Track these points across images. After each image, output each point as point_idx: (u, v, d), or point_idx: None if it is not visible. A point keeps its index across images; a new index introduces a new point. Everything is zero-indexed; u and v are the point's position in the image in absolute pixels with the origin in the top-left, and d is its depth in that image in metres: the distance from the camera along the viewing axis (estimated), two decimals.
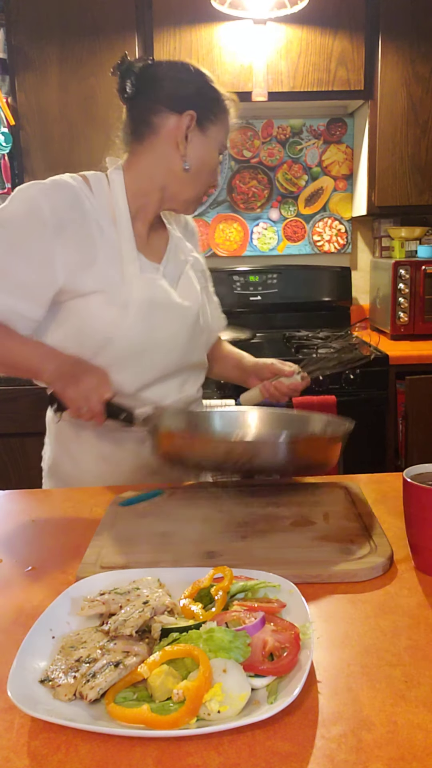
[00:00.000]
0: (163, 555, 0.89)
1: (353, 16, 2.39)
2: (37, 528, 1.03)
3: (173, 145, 1.15)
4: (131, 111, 1.17)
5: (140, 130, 1.16)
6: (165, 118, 1.14)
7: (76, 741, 0.57)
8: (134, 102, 1.16)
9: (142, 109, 1.15)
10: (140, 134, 1.16)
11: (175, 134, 1.14)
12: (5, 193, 2.46)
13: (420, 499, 0.81)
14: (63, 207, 1.14)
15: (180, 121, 1.13)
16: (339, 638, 0.71)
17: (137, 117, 1.16)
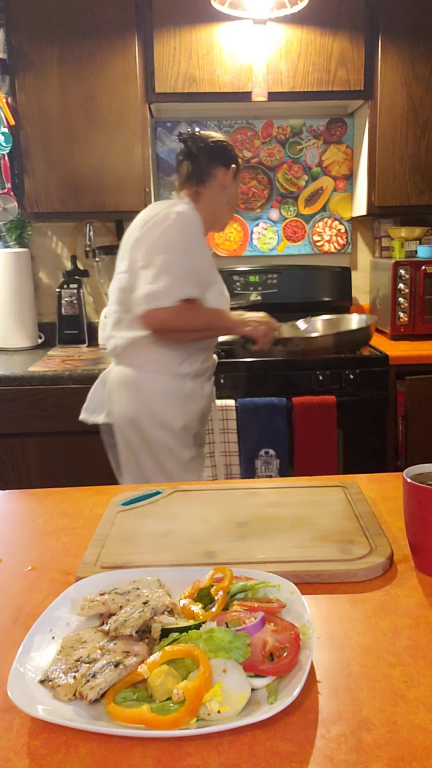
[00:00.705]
0: (163, 555, 0.89)
1: (353, 16, 2.39)
2: (37, 528, 1.04)
3: (222, 187, 1.76)
4: (194, 164, 1.74)
5: (202, 177, 1.75)
6: (218, 169, 1.75)
7: (76, 741, 0.57)
8: (197, 158, 1.74)
9: (204, 163, 1.74)
10: (202, 180, 1.75)
11: (223, 180, 1.76)
12: (5, 193, 2.46)
13: (420, 499, 0.81)
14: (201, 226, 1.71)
15: (227, 172, 1.76)
16: (339, 638, 0.71)
17: (199, 168, 1.74)
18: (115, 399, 1.72)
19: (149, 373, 1.70)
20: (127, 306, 1.68)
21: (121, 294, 1.70)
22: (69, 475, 2.29)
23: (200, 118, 2.79)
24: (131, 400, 1.70)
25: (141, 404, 1.69)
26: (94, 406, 1.80)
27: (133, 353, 1.71)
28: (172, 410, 1.70)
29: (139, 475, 1.73)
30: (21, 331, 2.69)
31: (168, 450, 1.72)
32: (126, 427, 1.71)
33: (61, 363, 2.40)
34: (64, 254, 2.88)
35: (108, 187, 2.47)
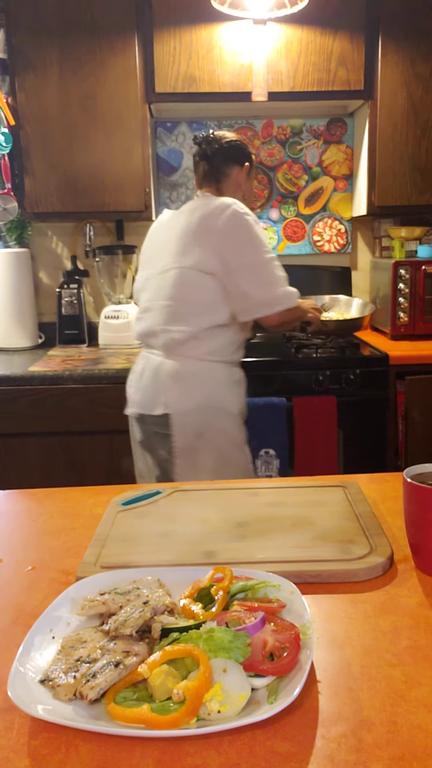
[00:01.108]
0: (163, 555, 0.89)
1: (353, 16, 2.39)
2: (37, 528, 1.04)
3: (237, 185, 1.88)
4: (211, 164, 1.86)
5: (219, 177, 1.87)
6: (233, 168, 1.87)
7: (76, 741, 0.57)
8: (212, 159, 1.86)
9: (219, 164, 1.86)
10: (218, 179, 1.87)
11: (238, 178, 1.88)
12: (5, 193, 2.46)
13: (420, 499, 0.81)
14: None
15: (241, 170, 1.88)
16: (339, 638, 0.71)
17: (216, 168, 1.86)
18: (174, 390, 1.77)
19: (208, 363, 1.78)
20: (185, 300, 1.74)
21: (178, 289, 1.75)
22: (69, 475, 2.29)
23: (200, 118, 2.79)
24: (193, 390, 1.77)
25: (202, 393, 1.77)
26: (146, 399, 1.82)
27: (191, 345, 1.77)
28: (231, 396, 1.81)
29: (196, 462, 1.78)
30: (21, 331, 2.69)
31: (226, 434, 1.81)
32: (187, 416, 1.77)
33: (61, 363, 2.40)
34: (64, 254, 2.88)
35: (108, 187, 2.47)
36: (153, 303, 1.82)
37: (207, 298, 1.74)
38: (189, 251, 1.74)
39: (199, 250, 1.73)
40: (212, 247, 1.72)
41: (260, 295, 1.74)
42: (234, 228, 1.72)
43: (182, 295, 1.75)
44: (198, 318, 1.75)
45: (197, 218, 1.75)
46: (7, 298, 2.63)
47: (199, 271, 1.73)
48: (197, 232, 1.74)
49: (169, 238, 1.80)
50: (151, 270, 1.86)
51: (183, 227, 1.77)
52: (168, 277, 1.77)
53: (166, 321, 1.78)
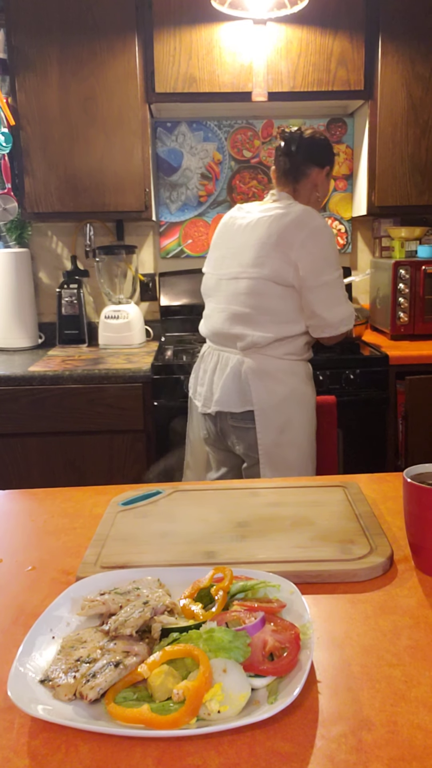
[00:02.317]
0: (163, 555, 0.89)
1: (353, 16, 2.39)
2: (36, 528, 1.04)
3: (314, 185, 1.87)
4: (293, 161, 1.84)
5: (297, 176, 1.85)
6: (313, 169, 1.85)
7: (76, 741, 0.57)
8: (293, 157, 1.83)
9: (300, 163, 1.83)
10: (297, 178, 1.85)
11: (316, 179, 1.86)
12: (5, 193, 2.46)
13: (420, 499, 0.81)
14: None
15: (321, 172, 1.86)
16: (339, 638, 0.71)
17: (296, 167, 1.84)
18: (257, 387, 1.81)
19: (289, 361, 1.83)
20: (265, 309, 1.78)
21: (256, 298, 1.77)
22: (69, 475, 2.29)
23: (200, 118, 2.79)
24: (276, 386, 1.81)
25: (285, 389, 1.82)
26: (227, 397, 1.84)
27: (273, 348, 1.81)
28: (309, 390, 1.88)
29: (279, 456, 1.83)
30: (21, 331, 2.69)
31: (305, 428, 1.86)
32: (270, 412, 1.81)
33: (61, 363, 2.40)
34: (65, 254, 2.88)
35: (108, 187, 2.47)
36: (229, 306, 1.83)
37: (288, 308, 1.77)
38: (266, 262, 1.74)
39: (278, 262, 1.73)
40: (291, 262, 1.73)
41: (329, 316, 1.77)
42: (314, 246, 1.73)
43: (263, 305, 1.77)
44: (280, 326, 1.78)
45: (277, 230, 1.74)
46: (7, 298, 2.63)
47: (276, 283, 1.75)
48: (276, 244, 1.73)
49: (246, 244, 1.79)
50: (224, 271, 1.85)
51: (262, 237, 1.76)
52: (243, 284, 1.78)
53: (245, 327, 1.80)
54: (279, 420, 1.81)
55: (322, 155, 1.85)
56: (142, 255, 2.90)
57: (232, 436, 1.88)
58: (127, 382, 2.25)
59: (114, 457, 2.29)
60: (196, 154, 2.82)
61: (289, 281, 1.74)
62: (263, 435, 1.82)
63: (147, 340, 2.81)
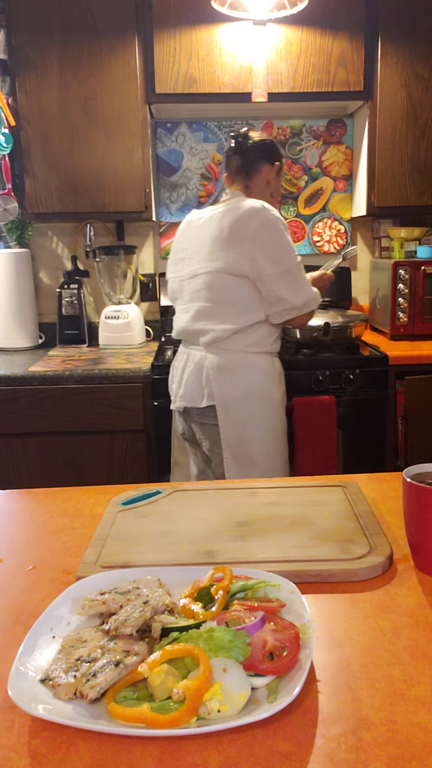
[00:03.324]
0: (163, 555, 0.89)
1: (353, 17, 2.39)
2: (37, 528, 1.04)
3: (266, 182, 1.93)
4: (243, 159, 1.90)
5: (249, 172, 1.91)
6: (264, 165, 1.91)
7: (76, 740, 0.58)
8: (246, 155, 1.90)
9: (252, 159, 1.90)
10: (249, 174, 1.91)
11: (268, 175, 1.93)
12: (6, 194, 2.46)
13: (419, 498, 0.81)
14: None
15: (271, 168, 1.93)
16: (339, 637, 0.71)
17: (248, 164, 1.90)
18: (219, 382, 1.83)
19: (251, 355, 1.86)
20: (223, 302, 1.82)
21: (214, 291, 1.82)
22: (69, 474, 2.29)
23: (200, 118, 2.80)
24: (237, 381, 1.83)
25: (247, 383, 1.84)
26: (190, 393, 1.89)
27: (234, 340, 1.84)
28: (273, 384, 1.89)
29: (243, 451, 1.84)
30: (21, 331, 2.69)
31: (271, 423, 1.87)
32: (233, 407, 1.83)
33: (61, 363, 2.40)
34: (65, 254, 2.88)
35: (108, 188, 2.47)
36: (191, 305, 1.88)
37: (244, 299, 1.82)
38: (220, 256, 1.80)
39: (231, 254, 1.78)
40: (244, 253, 1.77)
41: (294, 299, 1.82)
42: (265, 235, 1.77)
43: (220, 297, 1.82)
44: (239, 317, 1.83)
45: (228, 224, 1.79)
46: (7, 299, 2.64)
47: (231, 275, 1.79)
48: (228, 238, 1.78)
49: (201, 242, 1.86)
50: (184, 272, 1.91)
51: (215, 232, 1.82)
52: (201, 280, 1.84)
53: (207, 322, 1.84)
54: (241, 414, 1.84)
55: (271, 152, 1.92)
56: (143, 255, 2.91)
57: (199, 432, 1.92)
58: (127, 382, 2.25)
59: (114, 457, 2.29)
60: (196, 155, 2.83)
61: (244, 272, 1.78)
62: (226, 430, 1.84)
63: (147, 340, 2.81)
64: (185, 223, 1.99)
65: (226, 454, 1.86)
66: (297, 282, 1.83)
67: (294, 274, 1.82)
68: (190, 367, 1.90)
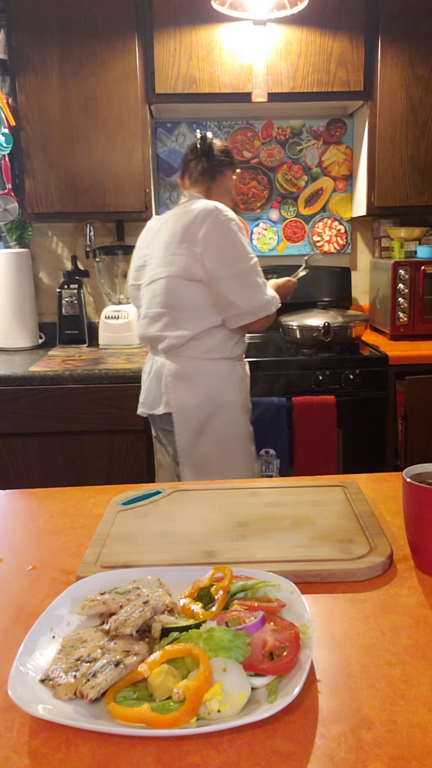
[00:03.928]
0: (163, 555, 0.89)
1: (353, 17, 2.39)
2: (37, 528, 1.04)
3: (227, 186, 1.95)
4: (209, 162, 1.89)
5: (215, 174, 1.91)
6: (228, 168, 1.93)
7: (76, 740, 0.58)
8: (212, 158, 1.89)
9: (217, 163, 1.90)
10: (214, 176, 1.91)
11: (230, 179, 1.95)
12: (6, 194, 2.46)
13: (419, 498, 0.81)
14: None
15: (233, 172, 1.96)
16: (339, 637, 0.71)
17: (212, 167, 1.90)
18: (175, 390, 1.81)
19: (208, 361, 1.82)
20: (179, 308, 1.78)
21: (169, 297, 1.78)
22: (69, 474, 2.29)
23: (200, 118, 2.80)
24: (193, 388, 1.80)
25: (203, 390, 1.80)
26: (150, 399, 1.88)
27: (191, 347, 1.81)
28: (232, 392, 1.84)
29: (199, 458, 1.82)
30: (21, 332, 2.69)
31: (228, 431, 1.83)
32: (188, 414, 1.81)
33: (61, 363, 2.40)
34: (65, 254, 2.88)
35: (108, 188, 2.47)
36: (149, 311, 1.86)
37: (199, 304, 1.78)
38: (174, 260, 1.76)
39: (185, 258, 1.75)
40: (196, 256, 1.74)
41: (245, 304, 1.77)
42: (216, 237, 1.73)
43: (175, 303, 1.78)
44: (194, 323, 1.79)
45: (180, 227, 1.76)
46: (7, 299, 2.64)
47: (186, 279, 1.75)
48: (181, 241, 1.75)
49: (157, 248, 1.83)
50: (143, 278, 1.89)
51: (168, 236, 1.79)
52: (157, 286, 1.81)
53: (163, 328, 1.81)
54: (196, 422, 1.81)
55: (233, 158, 1.95)
56: None
57: (163, 438, 1.91)
58: (127, 382, 2.25)
59: (114, 457, 2.29)
60: None
61: (198, 276, 1.75)
62: (181, 438, 1.82)
63: None
64: (146, 228, 1.96)
65: (183, 461, 1.83)
66: (249, 286, 1.77)
67: (246, 277, 1.77)
68: (152, 373, 1.89)
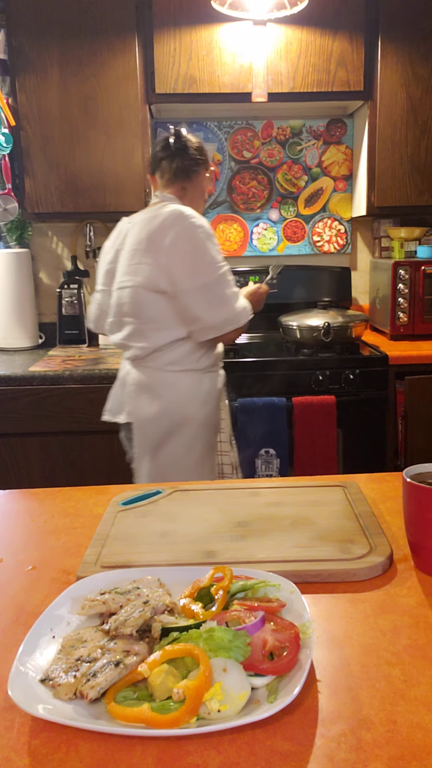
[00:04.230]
0: (163, 555, 0.89)
1: (353, 17, 2.39)
2: (37, 528, 1.04)
3: (202, 185, 1.86)
4: (184, 159, 1.81)
5: (190, 173, 1.82)
6: (203, 167, 1.85)
7: (76, 740, 0.58)
8: (187, 156, 1.80)
9: (190, 163, 1.81)
10: (189, 175, 1.83)
11: (204, 178, 1.86)
12: (6, 194, 2.46)
13: (419, 498, 0.81)
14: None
15: (206, 170, 1.87)
16: (339, 637, 0.71)
17: (185, 166, 1.81)
18: (136, 400, 1.76)
19: (171, 374, 1.75)
20: (144, 318, 1.71)
21: (135, 307, 1.71)
22: (69, 474, 2.29)
23: (200, 118, 2.80)
24: (153, 400, 1.74)
25: (163, 404, 1.74)
26: (116, 406, 1.84)
27: (155, 357, 1.74)
28: (194, 405, 1.76)
29: (155, 471, 1.76)
30: (21, 332, 2.69)
31: (185, 444, 1.76)
32: (147, 426, 1.75)
33: (61, 363, 2.40)
34: (65, 254, 2.88)
35: (108, 188, 2.47)
36: (115, 318, 1.79)
37: (165, 316, 1.69)
38: (139, 270, 1.68)
39: (148, 268, 1.66)
40: (161, 267, 1.65)
41: (210, 318, 1.68)
42: (182, 246, 1.64)
43: (140, 314, 1.71)
44: (159, 334, 1.71)
45: (146, 234, 1.68)
46: (7, 299, 2.64)
47: (150, 290, 1.67)
48: (146, 250, 1.67)
49: (124, 254, 1.75)
50: (110, 285, 1.81)
51: (134, 243, 1.71)
52: (123, 294, 1.73)
53: (128, 338, 1.75)
54: (156, 435, 1.74)
55: (206, 155, 1.86)
56: None
57: (127, 445, 1.87)
58: None
59: (114, 457, 2.29)
60: None
61: (162, 288, 1.66)
62: (140, 449, 1.77)
63: None
64: (116, 230, 1.85)
65: (140, 474, 1.79)
66: (216, 298, 1.67)
67: (213, 289, 1.67)
68: (118, 380, 1.85)
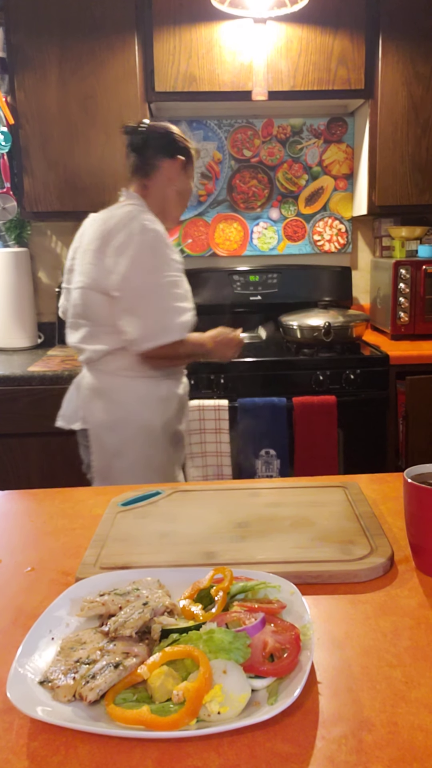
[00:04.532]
0: (163, 555, 0.89)
1: (354, 15, 2.39)
2: (37, 528, 1.03)
3: (168, 179, 1.71)
4: (140, 156, 1.70)
5: (147, 170, 1.70)
6: (163, 160, 1.70)
7: (75, 742, 0.57)
8: (142, 151, 1.70)
9: (149, 156, 1.69)
10: (147, 172, 1.70)
11: (169, 171, 1.71)
12: (4, 193, 2.46)
13: (420, 499, 0.81)
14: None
15: (173, 163, 1.71)
16: (339, 639, 0.71)
17: (145, 161, 1.70)
18: (90, 406, 1.69)
19: (125, 379, 1.67)
20: (98, 321, 1.64)
21: (86, 309, 1.65)
22: (69, 475, 2.28)
23: (200, 117, 2.79)
24: (108, 406, 1.67)
25: (118, 410, 1.67)
26: (70, 412, 1.77)
27: (107, 361, 1.67)
28: (150, 411, 1.68)
29: (111, 480, 1.68)
30: (20, 331, 2.68)
31: (142, 452, 1.68)
32: (102, 433, 1.68)
33: (60, 363, 2.40)
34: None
35: (108, 187, 2.46)
36: (73, 320, 1.73)
37: (114, 319, 1.62)
38: (88, 270, 1.63)
39: (96, 270, 1.60)
40: (107, 269, 1.59)
41: (131, 329, 1.58)
42: (129, 250, 1.56)
43: (91, 315, 1.65)
44: (111, 337, 1.64)
45: (99, 235, 1.62)
46: (6, 298, 2.63)
47: (98, 292, 1.61)
48: (97, 250, 1.61)
49: (80, 253, 1.69)
50: (70, 284, 1.74)
51: (86, 243, 1.66)
52: (76, 294, 1.67)
53: (82, 340, 1.69)
54: (112, 443, 1.67)
55: (168, 145, 1.70)
56: None
57: (82, 454, 1.79)
58: None
59: None
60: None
61: (107, 289, 1.59)
62: (96, 457, 1.70)
63: None
64: (81, 227, 1.77)
65: (97, 483, 1.73)
66: (140, 308, 1.57)
67: (142, 298, 1.57)
68: (73, 384, 1.78)
